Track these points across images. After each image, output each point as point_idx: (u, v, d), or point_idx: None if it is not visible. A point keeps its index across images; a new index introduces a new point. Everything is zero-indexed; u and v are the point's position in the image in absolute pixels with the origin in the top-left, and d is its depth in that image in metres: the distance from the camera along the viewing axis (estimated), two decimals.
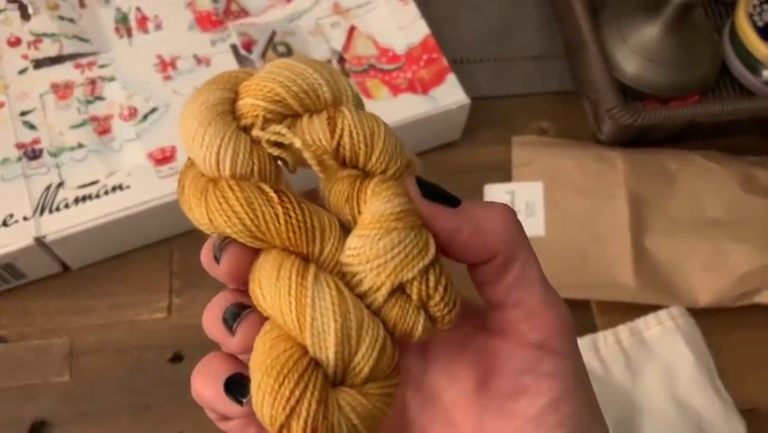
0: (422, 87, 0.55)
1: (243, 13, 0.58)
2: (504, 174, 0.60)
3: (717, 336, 0.53)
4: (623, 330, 0.51)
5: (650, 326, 0.51)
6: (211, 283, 0.52)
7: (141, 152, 0.51)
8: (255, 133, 0.25)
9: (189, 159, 0.26)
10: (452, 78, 0.56)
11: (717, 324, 0.53)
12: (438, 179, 0.62)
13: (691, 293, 0.53)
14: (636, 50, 0.61)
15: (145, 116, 0.52)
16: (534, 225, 0.56)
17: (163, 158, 0.51)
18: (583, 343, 0.51)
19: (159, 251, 0.54)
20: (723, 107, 0.52)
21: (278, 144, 0.25)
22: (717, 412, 0.48)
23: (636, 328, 0.51)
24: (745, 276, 0.52)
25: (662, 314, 0.52)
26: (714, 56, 0.63)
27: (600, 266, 0.54)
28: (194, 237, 0.54)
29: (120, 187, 0.50)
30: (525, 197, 0.57)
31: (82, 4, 0.57)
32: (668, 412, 0.49)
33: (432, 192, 0.26)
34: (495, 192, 0.57)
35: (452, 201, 0.26)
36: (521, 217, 0.52)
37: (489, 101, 0.64)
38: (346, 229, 0.24)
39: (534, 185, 0.57)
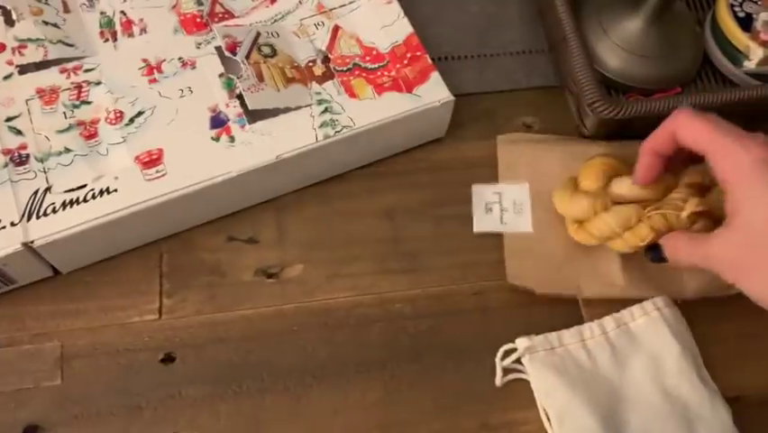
0: (406, 85, 0.56)
1: (228, 14, 0.58)
2: (490, 171, 0.60)
3: (703, 326, 0.54)
4: (609, 321, 0.52)
5: (635, 316, 0.52)
6: (201, 283, 0.53)
7: (127, 156, 0.51)
8: None
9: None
10: (435, 76, 0.56)
11: (703, 314, 0.54)
12: (425, 177, 0.63)
13: (679, 285, 0.54)
14: (618, 43, 0.61)
15: (131, 120, 0.53)
16: (522, 223, 0.56)
17: (150, 161, 0.51)
18: (570, 334, 0.51)
19: (148, 253, 0.54)
20: (704, 99, 0.53)
21: None
22: (703, 401, 0.49)
23: (622, 319, 0.52)
24: None
25: (647, 304, 0.52)
26: (696, 48, 0.64)
27: (588, 263, 0.55)
28: (183, 239, 0.55)
29: (107, 190, 0.50)
30: (512, 196, 0.57)
31: (66, 9, 0.57)
32: (655, 402, 0.49)
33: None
34: (483, 192, 0.58)
35: None
36: (509, 215, 0.56)
37: (474, 97, 0.64)
38: None
39: (521, 186, 0.58)
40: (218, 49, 0.56)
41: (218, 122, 0.53)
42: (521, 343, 0.51)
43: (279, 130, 0.53)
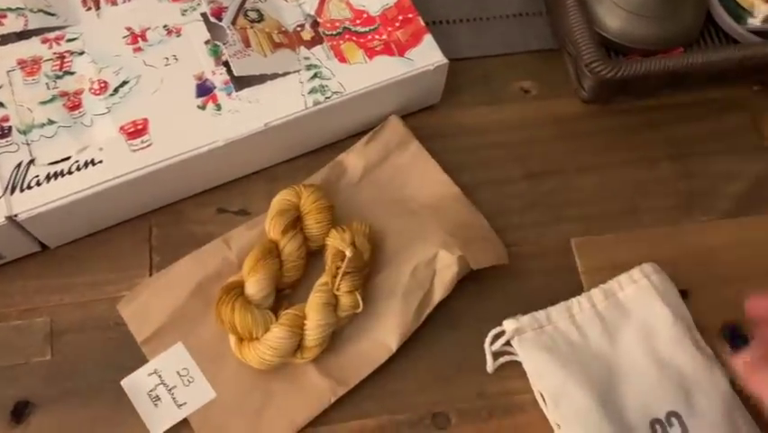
0: (398, 48, 0.54)
1: None
2: (488, 136, 0.59)
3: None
4: (597, 294, 0.50)
5: (624, 286, 0.50)
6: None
7: (112, 126, 0.50)
8: None
9: None
10: (428, 39, 0.54)
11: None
12: (422, 141, 0.61)
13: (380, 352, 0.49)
14: (619, 3, 0.59)
15: (116, 90, 0.51)
16: (200, 392, 0.48)
17: (135, 131, 0.50)
18: (558, 310, 0.49)
19: (137, 226, 0.53)
20: (705, 57, 0.51)
21: None
22: (699, 367, 0.47)
23: (610, 290, 0.50)
24: None
25: (635, 272, 0.50)
26: (698, 7, 0.61)
27: (284, 387, 0.48)
28: (172, 211, 0.54)
29: (92, 162, 0.49)
30: (171, 367, 0.48)
31: None
32: (649, 372, 0.47)
33: None
34: (137, 383, 0.47)
35: None
36: (181, 391, 0.47)
37: (470, 62, 0.62)
38: None
39: (175, 349, 0.49)
40: (204, 15, 0.54)
41: (204, 90, 0.51)
42: (509, 325, 0.49)
43: (267, 97, 0.51)
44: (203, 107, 0.51)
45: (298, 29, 0.54)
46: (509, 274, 0.53)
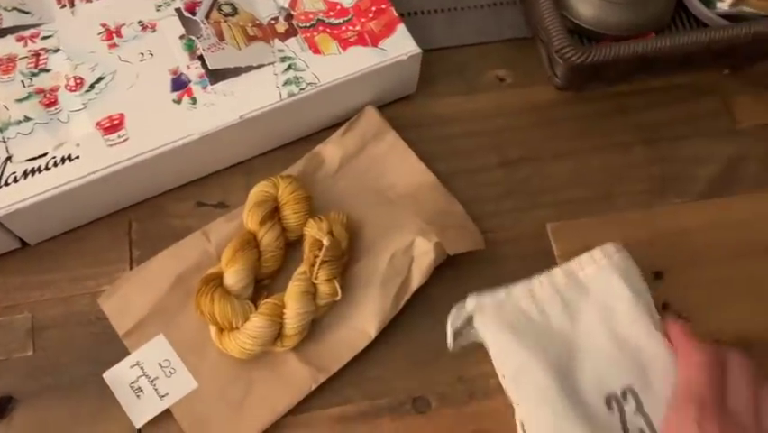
0: (372, 39, 0.54)
1: None
2: (463, 125, 0.60)
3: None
4: (557, 273, 0.49)
5: (584, 266, 0.49)
6: None
7: (89, 122, 0.50)
8: None
9: None
10: (401, 29, 0.55)
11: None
12: (399, 131, 0.61)
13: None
14: None
15: (92, 86, 0.52)
16: (182, 383, 0.48)
17: (111, 126, 0.50)
18: (519, 288, 0.49)
19: (117, 221, 0.54)
20: (673, 41, 0.52)
21: None
22: (657, 346, 0.47)
23: (570, 270, 0.49)
24: None
25: (596, 252, 0.50)
26: None
27: (265, 374, 0.49)
28: (151, 205, 0.55)
29: (69, 158, 0.49)
30: (153, 359, 0.49)
31: None
32: (608, 350, 0.47)
33: None
34: (119, 376, 0.48)
35: None
36: (163, 383, 0.48)
37: (445, 52, 0.63)
38: None
39: (156, 341, 0.49)
40: (178, 10, 0.54)
41: (179, 84, 0.52)
42: (470, 302, 0.48)
43: (242, 90, 0.51)
44: (178, 101, 0.51)
45: (272, 22, 0.55)
46: (486, 260, 0.54)
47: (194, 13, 0.53)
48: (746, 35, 0.52)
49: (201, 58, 0.52)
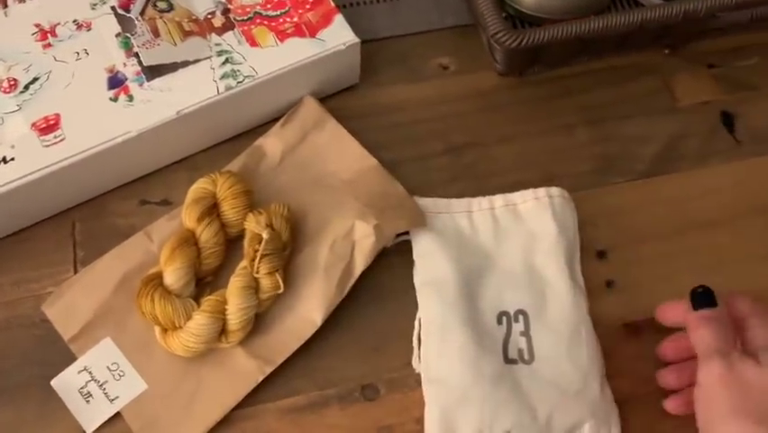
0: (309, 30, 0.54)
1: None
2: (408, 113, 0.60)
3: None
4: (498, 199, 0.53)
5: (526, 199, 0.53)
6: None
7: (24, 124, 0.50)
8: None
9: None
10: (339, 19, 0.55)
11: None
12: (343, 122, 0.61)
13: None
14: None
15: (26, 87, 0.51)
16: (132, 385, 0.48)
17: (47, 126, 0.50)
18: (459, 203, 0.53)
19: (60, 222, 0.53)
20: (606, 21, 0.52)
21: None
22: (563, 284, 0.50)
23: (512, 199, 0.53)
24: None
25: (540, 191, 0.53)
26: None
27: (214, 370, 0.49)
28: (95, 205, 0.54)
29: (4, 160, 0.48)
30: (101, 363, 0.48)
31: None
32: (517, 273, 0.51)
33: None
34: (68, 382, 0.48)
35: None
36: (113, 386, 0.47)
37: (388, 41, 0.63)
38: None
39: (103, 344, 0.49)
40: (113, 8, 0.54)
41: (116, 82, 0.51)
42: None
43: (179, 85, 0.51)
44: (115, 99, 0.51)
45: (209, 16, 0.55)
46: None
47: (128, 11, 0.53)
48: (677, 15, 0.53)
49: (137, 55, 0.52)
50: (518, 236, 0.52)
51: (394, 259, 0.53)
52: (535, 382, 0.48)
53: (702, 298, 0.44)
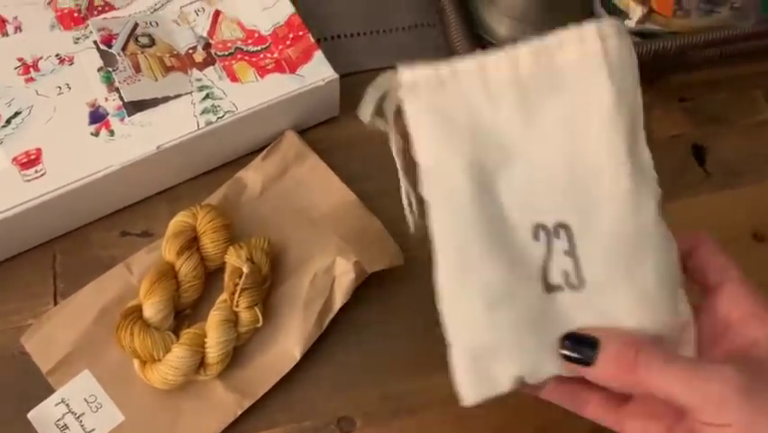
0: (289, 66, 0.55)
1: (108, 6, 0.57)
2: (387, 145, 0.60)
3: None
4: (525, 55, 0.34)
5: (565, 45, 0.34)
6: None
7: (4, 158, 0.50)
8: None
9: None
10: (318, 55, 0.56)
11: None
12: (326, 153, 0.62)
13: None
14: (505, 12, 0.62)
15: (8, 121, 0.52)
16: (108, 418, 0.48)
17: (28, 161, 0.50)
18: (468, 66, 0.35)
19: (41, 254, 0.54)
20: None
21: None
22: (621, 183, 0.35)
23: (546, 50, 0.35)
24: None
25: (588, 30, 0.34)
26: (583, 11, 0.65)
27: (190, 402, 0.49)
28: (76, 237, 0.55)
29: None
30: (79, 395, 0.48)
31: None
32: (556, 170, 0.35)
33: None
34: (45, 415, 0.48)
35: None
36: (90, 419, 0.47)
37: (368, 75, 0.63)
38: None
39: (81, 377, 0.49)
40: (96, 43, 0.55)
41: (97, 117, 0.52)
42: (404, 75, 0.37)
43: (160, 120, 0.52)
44: (96, 134, 0.51)
45: (191, 51, 0.56)
46: (411, 277, 0.54)
47: (110, 46, 0.54)
48: (647, 52, 0.54)
49: (118, 90, 0.53)
50: (557, 113, 0.35)
51: (372, 291, 0.53)
52: (588, 312, 0.35)
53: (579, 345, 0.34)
